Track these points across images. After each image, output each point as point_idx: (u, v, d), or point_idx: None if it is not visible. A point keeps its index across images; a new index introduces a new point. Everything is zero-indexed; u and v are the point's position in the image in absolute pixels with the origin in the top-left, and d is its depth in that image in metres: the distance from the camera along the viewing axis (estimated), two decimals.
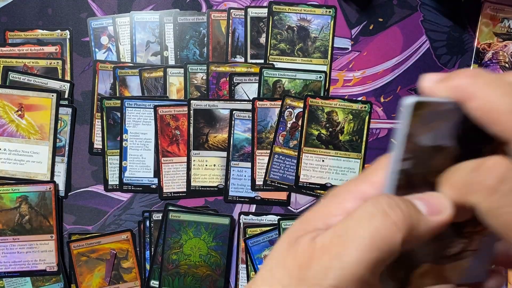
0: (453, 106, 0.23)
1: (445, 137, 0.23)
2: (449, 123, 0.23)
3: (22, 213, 0.68)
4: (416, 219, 0.23)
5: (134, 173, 0.69)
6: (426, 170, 0.24)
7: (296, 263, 0.23)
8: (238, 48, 0.70)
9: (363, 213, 0.23)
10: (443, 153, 0.24)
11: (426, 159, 0.24)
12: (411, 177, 0.24)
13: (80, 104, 0.70)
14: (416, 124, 0.23)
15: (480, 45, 0.68)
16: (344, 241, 0.22)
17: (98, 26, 0.70)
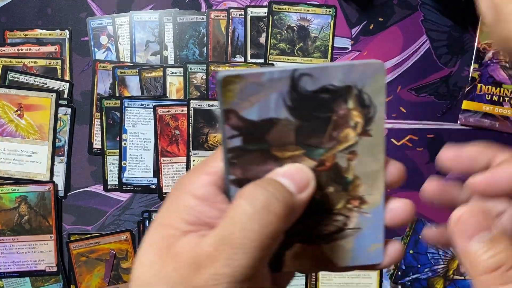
0: (276, 76, 0.22)
1: (273, 109, 0.23)
2: (274, 95, 0.22)
3: (21, 213, 0.68)
4: (291, 201, 0.23)
5: (134, 173, 0.69)
6: (266, 145, 0.23)
7: (180, 274, 0.23)
8: (238, 48, 0.70)
9: (243, 212, 0.23)
10: (278, 125, 0.23)
11: (259, 134, 0.23)
12: (249, 153, 0.23)
13: (80, 104, 0.70)
14: (233, 100, 0.22)
15: (481, 45, 0.68)
16: (231, 246, 0.22)
17: (97, 25, 0.70)
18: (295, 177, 0.24)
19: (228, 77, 0.22)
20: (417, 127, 0.69)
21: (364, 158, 0.24)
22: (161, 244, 0.24)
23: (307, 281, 0.68)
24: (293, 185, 0.24)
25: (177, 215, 0.24)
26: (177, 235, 0.24)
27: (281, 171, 0.24)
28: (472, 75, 0.68)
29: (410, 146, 0.69)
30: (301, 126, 0.23)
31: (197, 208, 0.25)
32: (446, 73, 0.69)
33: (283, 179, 0.24)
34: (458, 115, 0.68)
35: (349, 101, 0.23)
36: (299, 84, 0.22)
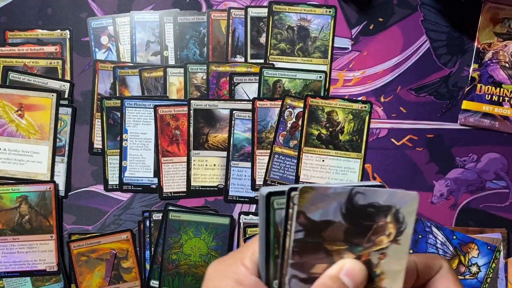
0: (339, 191, 0.29)
1: (332, 214, 0.29)
2: (334, 204, 0.29)
3: (22, 213, 0.68)
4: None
5: (134, 173, 0.69)
6: (320, 239, 0.29)
7: None
8: (238, 48, 0.70)
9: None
10: (333, 226, 0.29)
11: (317, 231, 0.29)
12: (307, 244, 0.29)
13: (80, 104, 0.70)
14: (305, 205, 0.28)
15: (480, 45, 0.68)
16: None
17: (98, 26, 0.70)
18: (355, 276, 0.29)
19: (306, 188, 0.28)
20: (417, 127, 0.69)
21: (391, 259, 0.30)
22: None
23: None
24: (352, 285, 0.29)
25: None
26: None
27: (345, 268, 0.29)
28: (471, 75, 0.68)
29: (410, 146, 0.69)
30: (349, 229, 0.29)
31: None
32: (446, 73, 0.69)
33: (345, 279, 0.29)
34: (458, 115, 0.69)
35: (388, 216, 0.30)
36: (354, 198, 0.29)
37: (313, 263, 0.30)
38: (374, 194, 0.29)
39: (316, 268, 0.30)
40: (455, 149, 0.68)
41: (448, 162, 0.68)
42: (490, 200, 0.68)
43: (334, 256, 0.30)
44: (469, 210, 0.68)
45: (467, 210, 0.68)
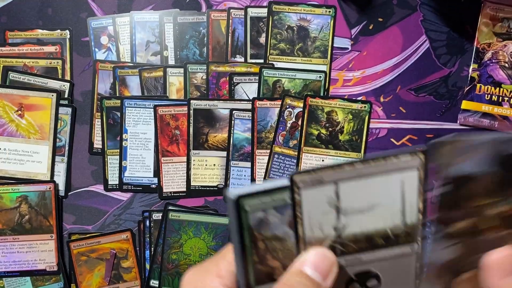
0: (484, 140, 0.27)
1: (480, 165, 0.27)
2: (482, 154, 0.27)
3: (22, 212, 0.68)
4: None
5: (134, 172, 0.69)
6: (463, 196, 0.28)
7: None
8: (238, 48, 0.70)
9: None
10: (479, 179, 0.27)
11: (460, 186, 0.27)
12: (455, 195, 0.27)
13: (80, 104, 0.70)
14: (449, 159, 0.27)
15: (480, 45, 0.68)
16: None
17: (98, 26, 0.70)
18: (320, 266, 0.27)
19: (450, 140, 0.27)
20: (417, 127, 0.69)
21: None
22: None
23: None
24: (319, 276, 0.26)
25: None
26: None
27: (306, 261, 0.27)
28: (471, 75, 0.68)
29: (410, 146, 0.69)
30: (505, 177, 0.28)
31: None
32: (445, 73, 0.69)
33: (309, 270, 0.26)
34: (458, 115, 0.69)
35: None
36: (503, 146, 0.27)
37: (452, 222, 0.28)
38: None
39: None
40: None
41: None
42: None
43: (482, 211, 0.28)
44: None
45: None
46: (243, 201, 0.27)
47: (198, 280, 0.28)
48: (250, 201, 0.27)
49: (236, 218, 0.27)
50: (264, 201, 0.28)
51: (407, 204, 0.27)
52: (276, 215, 0.28)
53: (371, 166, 0.27)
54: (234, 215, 0.27)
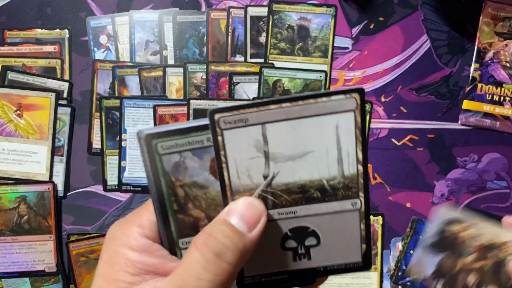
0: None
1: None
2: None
3: (21, 213, 0.67)
4: (242, 244, 0.24)
5: (133, 173, 0.69)
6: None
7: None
8: (238, 47, 0.70)
9: (196, 263, 0.24)
10: None
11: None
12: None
13: (79, 103, 0.70)
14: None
15: (481, 44, 0.68)
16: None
17: (97, 25, 0.70)
18: (246, 215, 0.25)
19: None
20: (418, 127, 0.69)
21: None
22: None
23: None
24: (244, 225, 0.25)
25: (120, 269, 0.26)
26: (127, 287, 0.25)
27: (231, 210, 0.25)
28: (472, 75, 0.68)
29: (411, 146, 0.68)
30: None
31: (138, 260, 0.26)
32: (446, 73, 0.69)
33: (234, 219, 0.25)
34: (459, 115, 0.68)
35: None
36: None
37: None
38: None
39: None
40: (455, 149, 0.68)
41: (448, 162, 0.68)
42: (491, 201, 0.68)
43: None
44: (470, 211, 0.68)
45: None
46: (155, 142, 0.25)
47: (118, 230, 0.27)
48: (164, 142, 0.25)
49: (150, 160, 0.25)
50: (179, 143, 0.25)
51: (343, 152, 0.25)
52: (194, 159, 0.26)
53: (300, 106, 0.24)
54: (147, 157, 0.25)
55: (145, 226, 0.27)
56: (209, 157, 0.26)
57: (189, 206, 0.26)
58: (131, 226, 0.27)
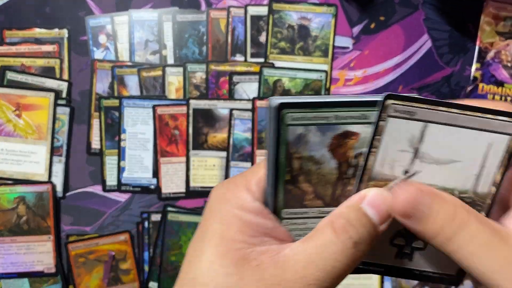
0: None
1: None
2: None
3: (20, 214, 0.67)
4: (375, 235, 0.25)
5: (133, 173, 0.69)
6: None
7: (264, 284, 0.24)
8: (238, 47, 0.69)
9: (334, 245, 0.24)
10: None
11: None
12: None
13: (78, 103, 0.70)
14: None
15: (482, 44, 0.68)
16: (319, 270, 0.24)
17: (96, 24, 0.70)
18: (380, 208, 0.26)
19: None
20: None
21: None
22: (235, 256, 0.25)
23: None
24: (377, 218, 0.25)
25: (238, 230, 0.26)
26: (246, 247, 0.25)
27: (369, 199, 0.26)
28: (474, 75, 0.68)
29: None
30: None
31: (254, 221, 0.26)
32: (447, 73, 0.68)
33: (370, 210, 0.25)
34: None
35: None
36: None
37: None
38: None
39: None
40: None
41: None
42: None
43: None
44: None
45: None
46: (285, 111, 0.26)
47: (228, 192, 0.27)
48: (293, 114, 0.26)
49: (275, 129, 0.26)
50: (307, 116, 0.26)
51: (485, 171, 0.26)
52: (316, 134, 0.26)
53: (467, 116, 0.25)
54: (273, 125, 0.26)
55: (254, 190, 0.27)
56: (332, 134, 0.26)
57: (300, 178, 0.27)
58: (242, 189, 0.27)
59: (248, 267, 0.24)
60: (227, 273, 0.24)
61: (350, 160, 0.27)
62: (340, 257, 0.24)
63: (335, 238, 0.24)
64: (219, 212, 0.26)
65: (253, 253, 0.25)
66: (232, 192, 0.27)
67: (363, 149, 0.26)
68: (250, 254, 0.25)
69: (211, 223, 0.26)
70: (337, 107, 0.26)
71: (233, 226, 0.26)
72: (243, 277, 0.24)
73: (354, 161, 0.27)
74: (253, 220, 0.26)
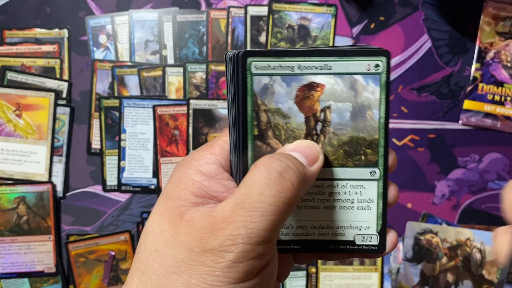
0: None
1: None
2: None
3: (20, 213, 0.67)
4: (304, 172, 0.25)
5: (133, 173, 0.69)
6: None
7: (195, 237, 0.24)
8: (238, 47, 0.69)
9: (259, 179, 0.24)
10: None
11: None
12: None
13: (78, 103, 0.70)
14: None
15: (482, 44, 0.68)
16: (248, 209, 0.23)
17: (96, 25, 0.70)
18: (305, 151, 0.26)
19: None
20: (419, 127, 0.68)
21: None
22: (172, 213, 0.25)
23: (308, 281, 0.68)
24: (303, 159, 0.26)
25: (185, 189, 0.26)
26: (187, 205, 0.25)
27: (292, 147, 0.26)
28: (473, 75, 0.68)
29: (412, 146, 0.68)
30: None
31: (204, 183, 0.26)
32: (447, 73, 0.68)
33: (294, 153, 0.26)
34: (460, 115, 0.68)
35: None
36: None
37: None
38: None
39: None
40: (456, 149, 0.68)
41: (449, 163, 0.68)
42: (492, 201, 0.67)
43: None
44: (471, 211, 0.67)
45: (469, 211, 0.67)
46: (250, 60, 0.26)
47: (190, 156, 0.28)
48: (258, 62, 0.26)
49: (242, 79, 0.26)
50: (271, 65, 0.26)
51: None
52: (282, 85, 0.26)
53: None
54: (240, 76, 0.26)
55: (217, 153, 0.27)
56: (297, 85, 0.26)
57: (269, 133, 0.27)
58: (203, 153, 0.27)
59: (180, 223, 0.24)
60: (163, 230, 0.25)
61: (317, 114, 0.27)
62: (266, 189, 0.24)
63: (260, 173, 0.24)
64: (175, 174, 0.27)
65: (191, 211, 0.25)
66: (192, 156, 0.28)
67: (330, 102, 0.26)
68: (187, 212, 0.25)
69: (166, 185, 0.27)
70: (300, 56, 0.26)
71: (182, 185, 0.26)
72: (176, 233, 0.24)
73: (321, 115, 0.27)
74: (203, 182, 0.26)
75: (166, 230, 0.25)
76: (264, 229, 0.23)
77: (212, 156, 0.27)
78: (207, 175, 0.27)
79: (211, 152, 0.27)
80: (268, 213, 0.23)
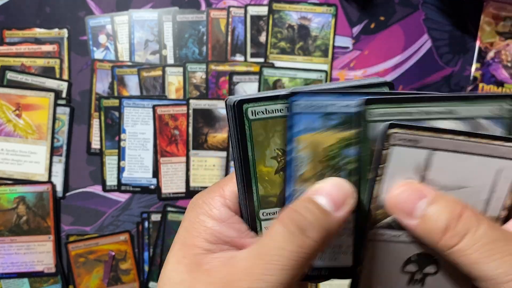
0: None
1: None
2: None
3: (20, 213, 0.67)
4: (327, 222, 0.24)
5: (133, 173, 0.69)
6: None
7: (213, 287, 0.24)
8: (237, 47, 0.69)
9: (280, 233, 0.24)
10: None
11: None
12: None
13: (78, 103, 0.70)
14: None
15: (482, 44, 0.68)
16: (267, 262, 0.23)
17: (96, 24, 0.70)
18: (333, 195, 0.25)
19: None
20: None
21: None
22: (190, 262, 0.25)
23: None
24: (330, 205, 0.25)
25: (198, 235, 0.26)
26: (203, 253, 0.26)
27: (319, 188, 0.25)
28: (474, 75, 0.68)
29: None
30: None
31: (216, 228, 0.26)
32: (447, 73, 0.68)
33: (320, 198, 0.25)
34: None
35: None
36: None
37: None
38: None
39: None
40: None
41: None
42: None
43: None
44: None
45: None
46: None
47: (200, 199, 0.28)
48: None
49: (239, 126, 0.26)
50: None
51: (494, 196, 0.25)
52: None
53: (474, 143, 0.24)
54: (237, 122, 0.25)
55: (227, 196, 0.27)
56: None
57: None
58: (214, 196, 0.28)
59: (199, 272, 0.25)
60: (182, 279, 0.25)
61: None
62: (287, 246, 0.23)
63: (281, 228, 0.24)
64: (187, 219, 0.27)
65: (207, 258, 0.25)
66: (203, 199, 0.28)
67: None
68: (204, 259, 0.25)
69: (179, 230, 0.27)
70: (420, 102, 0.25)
71: (195, 232, 0.26)
72: (195, 282, 0.24)
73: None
74: (215, 228, 0.26)
75: (186, 280, 0.25)
76: (282, 283, 0.23)
77: (222, 199, 0.27)
78: (218, 220, 0.27)
79: (221, 195, 0.27)
80: (288, 267, 0.23)
